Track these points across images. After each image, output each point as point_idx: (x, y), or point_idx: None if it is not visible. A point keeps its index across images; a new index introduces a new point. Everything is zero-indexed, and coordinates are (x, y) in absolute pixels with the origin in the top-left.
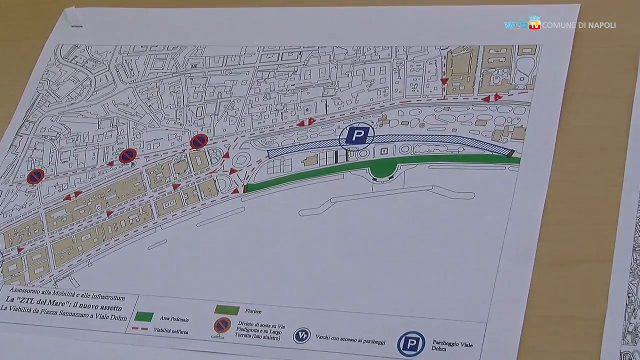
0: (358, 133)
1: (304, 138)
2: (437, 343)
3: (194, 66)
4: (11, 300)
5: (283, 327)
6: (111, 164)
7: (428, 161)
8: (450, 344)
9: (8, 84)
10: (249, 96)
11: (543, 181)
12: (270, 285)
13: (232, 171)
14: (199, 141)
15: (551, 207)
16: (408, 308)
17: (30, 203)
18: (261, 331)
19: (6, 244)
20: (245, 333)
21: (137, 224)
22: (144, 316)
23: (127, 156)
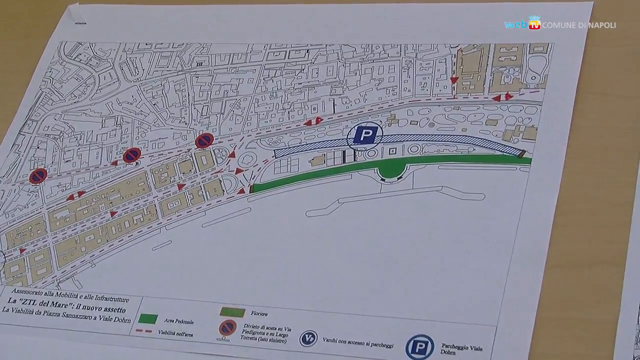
0: (366, 133)
1: (311, 137)
2: (447, 346)
3: (200, 64)
4: (13, 301)
5: (289, 330)
6: (115, 164)
7: (437, 161)
8: (459, 348)
9: (11, 82)
10: (256, 95)
11: (554, 182)
12: (276, 287)
13: (238, 171)
14: (205, 140)
15: (563, 209)
16: (417, 311)
17: (33, 203)
18: (267, 334)
19: (8, 245)
20: (251, 336)
21: (142, 225)
22: (148, 318)
23: (132, 155)
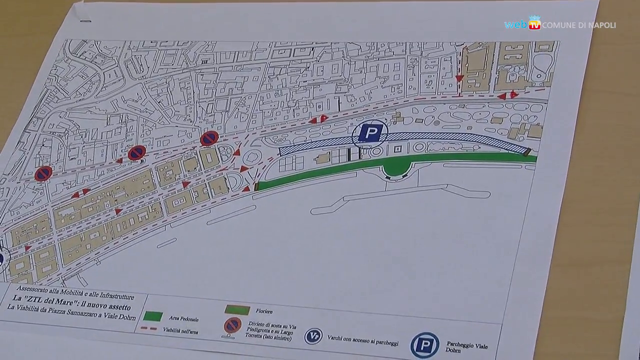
0: (371, 130)
1: (316, 135)
2: (452, 344)
3: (205, 62)
4: (18, 299)
5: (294, 328)
6: (120, 161)
7: (443, 159)
8: (464, 346)
9: (16, 80)
10: (261, 93)
11: (560, 180)
12: (281, 284)
13: (243, 169)
14: (210, 138)
15: (568, 207)
16: (422, 308)
17: (38, 200)
18: (272, 331)
19: (14, 242)
20: (256, 333)
21: (147, 222)
22: (153, 316)
23: (137, 153)
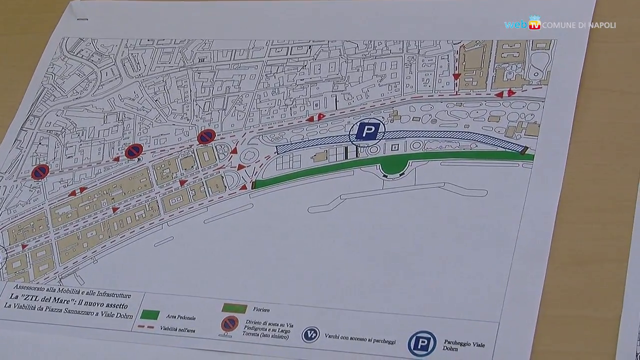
0: (368, 129)
1: (314, 134)
2: (449, 343)
3: (202, 60)
4: (15, 297)
5: (292, 326)
6: (117, 160)
7: (440, 158)
8: (462, 344)
9: (13, 78)
10: (258, 91)
11: (557, 178)
12: (278, 283)
13: (240, 167)
14: (207, 136)
15: (565, 205)
16: (419, 307)
17: (34, 199)
18: (269, 330)
19: (10, 241)
20: (253, 332)
21: (144, 221)
22: (150, 314)
23: (134, 151)
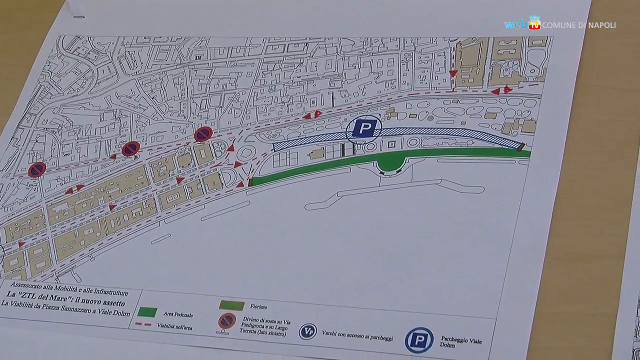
0: (365, 126)
1: (310, 131)
2: (446, 339)
3: (198, 57)
4: (12, 295)
5: (289, 323)
6: (114, 157)
7: (436, 154)
8: (459, 341)
9: (9, 76)
10: (254, 88)
11: (554, 175)
12: (275, 280)
13: (237, 164)
14: (203, 134)
15: (562, 202)
16: (416, 304)
17: (31, 197)
18: (266, 327)
19: (7, 238)
20: (250, 329)
21: (141, 218)
22: (148, 311)
23: (130, 149)
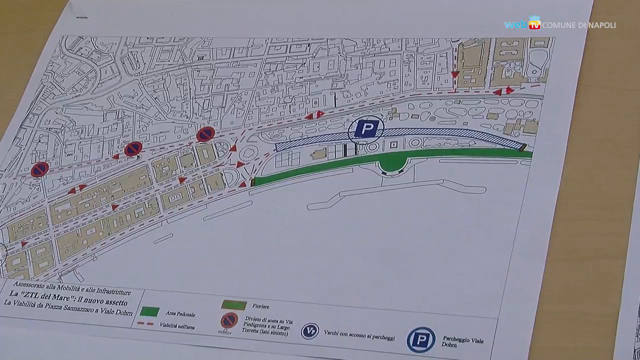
0: (367, 126)
1: (313, 131)
2: (448, 339)
3: (201, 58)
4: (15, 294)
5: (291, 323)
6: (117, 157)
7: (438, 155)
8: (460, 340)
9: (12, 76)
10: (257, 88)
11: (556, 176)
12: (278, 280)
13: (240, 164)
14: (206, 134)
15: (564, 202)
16: (418, 303)
17: (34, 196)
18: (269, 326)
19: (10, 238)
20: (252, 328)
21: (143, 218)
22: (150, 311)
23: (133, 149)
